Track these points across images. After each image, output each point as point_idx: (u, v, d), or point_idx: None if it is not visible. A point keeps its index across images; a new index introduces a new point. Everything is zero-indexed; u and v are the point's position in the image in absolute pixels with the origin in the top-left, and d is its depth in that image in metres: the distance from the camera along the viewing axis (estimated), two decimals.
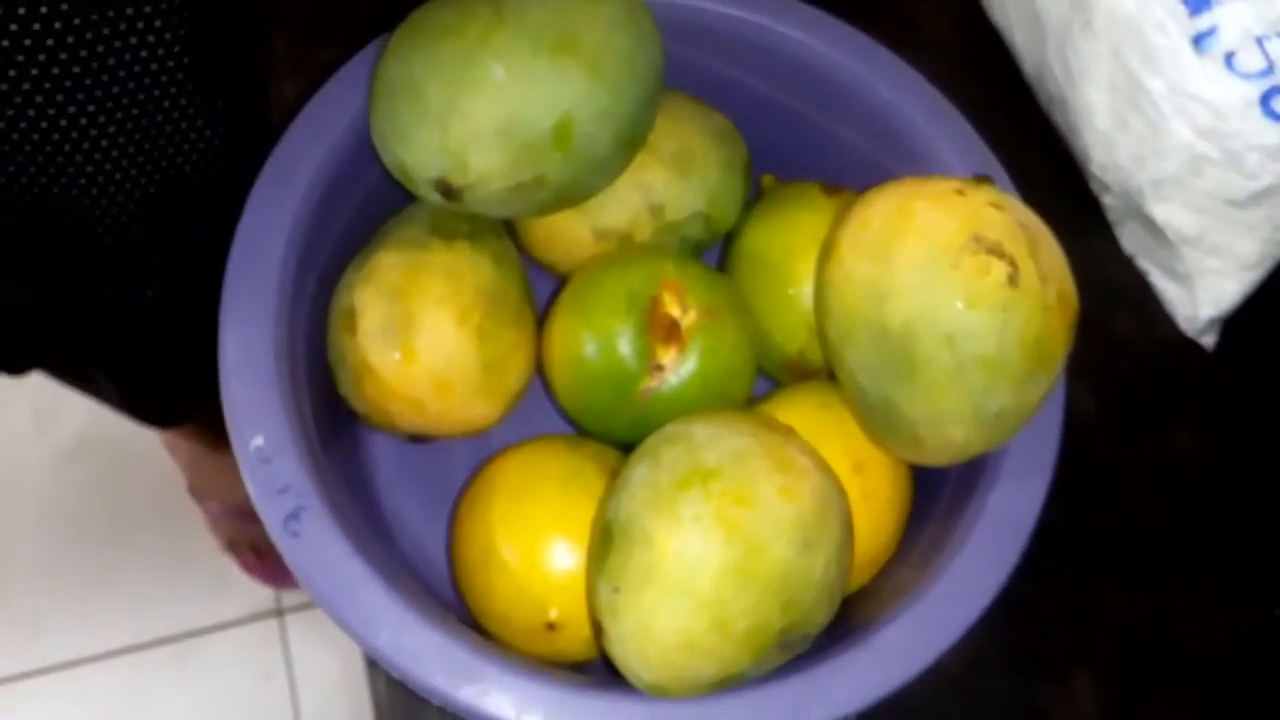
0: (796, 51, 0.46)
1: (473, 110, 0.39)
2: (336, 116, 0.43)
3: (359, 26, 0.45)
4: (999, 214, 0.38)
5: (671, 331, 0.42)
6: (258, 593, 1.12)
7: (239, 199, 0.41)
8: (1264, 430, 0.54)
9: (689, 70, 0.47)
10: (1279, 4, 0.48)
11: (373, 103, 0.41)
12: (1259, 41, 0.49)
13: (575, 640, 0.40)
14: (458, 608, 0.44)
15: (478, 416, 0.43)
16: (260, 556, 1.10)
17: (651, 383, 0.42)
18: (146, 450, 1.10)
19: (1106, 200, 0.56)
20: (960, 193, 0.39)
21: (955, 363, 0.37)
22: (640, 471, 0.38)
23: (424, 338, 0.41)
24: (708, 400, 0.42)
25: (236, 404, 0.39)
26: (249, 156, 0.57)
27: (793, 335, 0.45)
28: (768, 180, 0.50)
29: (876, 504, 0.42)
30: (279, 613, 1.12)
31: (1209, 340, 0.55)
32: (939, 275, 0.37)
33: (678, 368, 0.42)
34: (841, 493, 0.38)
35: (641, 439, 0.40)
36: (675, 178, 0.46)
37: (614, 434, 0.44)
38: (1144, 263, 0.56)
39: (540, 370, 0.45)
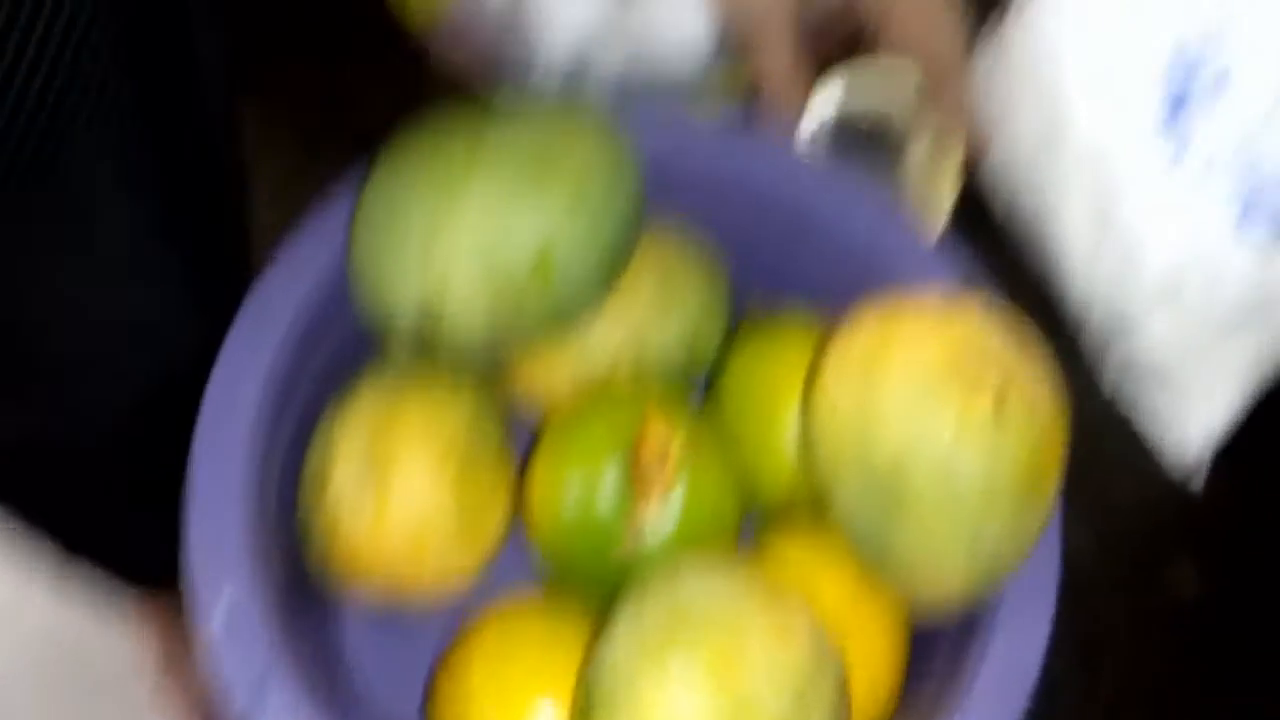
0: (771, 191, 0.46)
1: (452, 243, 0.39)
2: (316, 256, 0.42)
3: (346, 154, 0.45)
4: (982, 338, 0.37)
5: (656, 474, 0.41)
6: None
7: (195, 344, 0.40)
8: (1263, 567, 0.52)
9: (669, 198, 0.47)
10: (1250, 126, 0.48)
11: (352, 237, 0.41)
12: (1232, 163, 0.48)
13: None
14: None
15: (455, 567, 0.42)
16: None
17: (628, 544, 0.40)
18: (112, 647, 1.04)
19: (1087, 334, 0.55)
20: (942, 317, 0.38)
21: (945, 498, 0.36)
22: (623, 629, 0.36)
23: (399, 483, 0.40)
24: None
25: (201, 571, 0.37)
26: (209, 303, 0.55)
27: (779, 475, 0.44)
28: (746, 323, 0.49)
29: (871, 663, 0.40)
30: None
31: (1198, 480, 0.53)
32: (923, 408, 0.36)
33: (658, 525, 0.40)
34: (834, 648, 0.37)
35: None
36: (656, 315, 0.45)
37: (598, 589, 0.41)
38: (1129, 398, 0.55)
39: (521, 521, 0.44)
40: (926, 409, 0.36)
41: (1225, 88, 0.49)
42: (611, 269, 0.42)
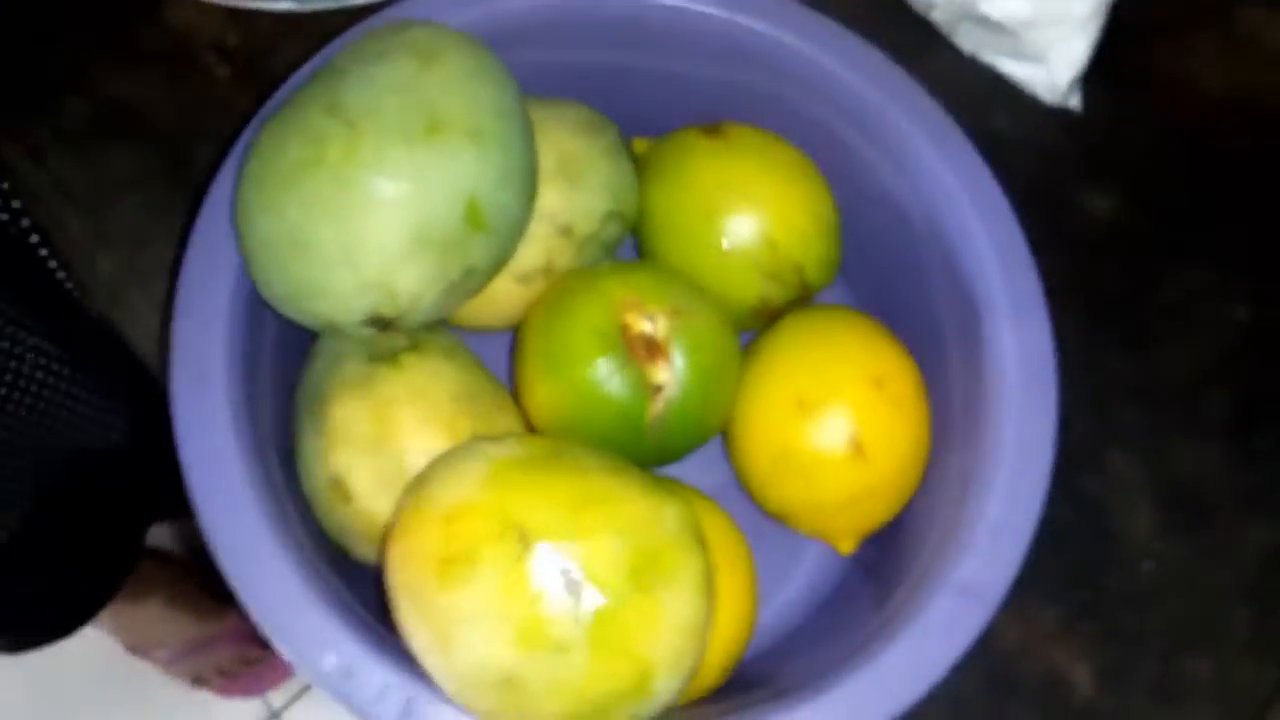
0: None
1: (376, 234, 0.36)
2: (218, 285, 0.39)
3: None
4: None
5: (652, 347, 0.40)
6: (245, 707, 1.07)
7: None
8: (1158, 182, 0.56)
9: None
10: None
11: (254, 267, 0.37)
12: None
13: None
14: None
15: None
16: (230, 677, 1.06)
17: (657, 407, 0.40)
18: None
19: (934, 16, 0.56)
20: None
21: None
22: None
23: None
24: (714, 389, 0.41)
25: (297, 638, 0.36)
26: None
27: (746, 284, 0.44)
28: (640, 145, 0.48)
29: (904, 411, 0.42)
30: (274, 715, 1.09)
31: (1075, 102, 0.56)
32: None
33: (673, 377, 0.41)
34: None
35: (663, 461, 0.41)
36: (570, 190, 0.43)
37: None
38: (989, 58, 0.56)
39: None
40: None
41: None
42: (532, 179, 0.39)
